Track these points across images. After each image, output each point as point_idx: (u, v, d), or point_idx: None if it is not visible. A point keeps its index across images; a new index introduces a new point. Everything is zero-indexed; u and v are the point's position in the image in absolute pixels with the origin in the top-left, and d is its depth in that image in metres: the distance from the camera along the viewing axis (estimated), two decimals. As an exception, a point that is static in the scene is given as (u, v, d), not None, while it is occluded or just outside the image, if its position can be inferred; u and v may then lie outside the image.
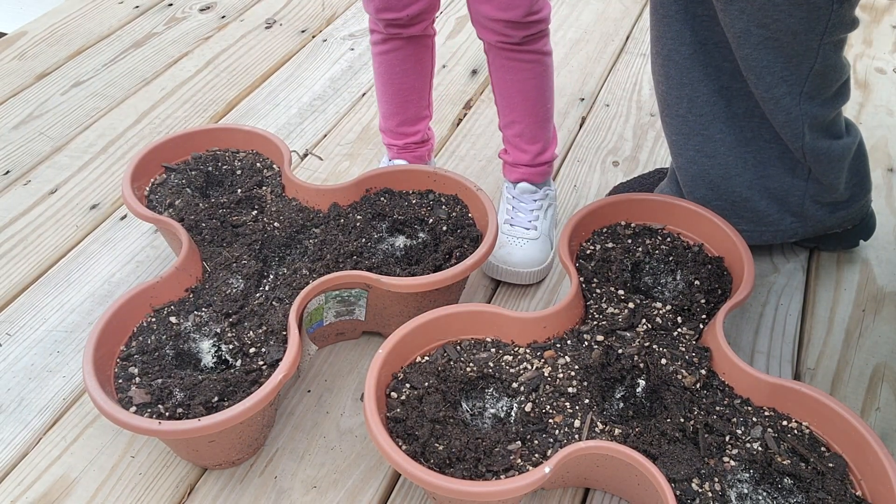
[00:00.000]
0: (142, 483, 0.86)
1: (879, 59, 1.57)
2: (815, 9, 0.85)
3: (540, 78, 1.02)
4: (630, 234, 0.98)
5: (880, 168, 1.28)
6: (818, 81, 0.92)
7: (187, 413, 0.77)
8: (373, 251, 0.97)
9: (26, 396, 0.95)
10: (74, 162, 1.31)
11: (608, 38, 1.65)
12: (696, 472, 0.74)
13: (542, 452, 0.76)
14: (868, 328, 1.03)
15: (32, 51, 1.60)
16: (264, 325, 0.87)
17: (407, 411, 0.78)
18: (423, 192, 1.04)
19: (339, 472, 0.87)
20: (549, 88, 1.05)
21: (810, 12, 0.85)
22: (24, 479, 0.86)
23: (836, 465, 0.75)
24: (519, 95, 1.03)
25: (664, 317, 0.88)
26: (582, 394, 0.80)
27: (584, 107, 1.45)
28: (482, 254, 0.91)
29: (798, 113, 0.93)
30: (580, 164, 1.31)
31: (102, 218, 1.20)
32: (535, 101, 1.04)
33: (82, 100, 1.46)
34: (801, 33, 0.87)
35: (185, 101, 1.46)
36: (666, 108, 1.02)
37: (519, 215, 1.09)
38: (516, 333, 0.86)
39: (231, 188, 1.05)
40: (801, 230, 1.06)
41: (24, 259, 1.13)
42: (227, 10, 1.75)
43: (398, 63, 1.06)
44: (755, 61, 0.90)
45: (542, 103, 1.05)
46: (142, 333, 0.86)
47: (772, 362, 0.98)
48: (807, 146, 0.96)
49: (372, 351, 0.97)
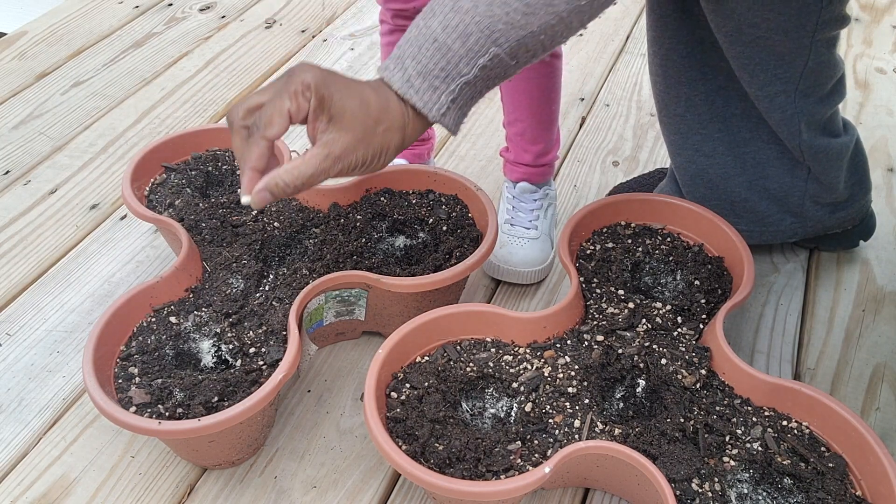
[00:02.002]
0: (142, 483, 0.86)
1: (879, 59, 1.57)
2: (804, 6, 0.86)
3: (546, 79, 1.03)
4: (630, 234, 0.98)
5: (880, 168, 1.28)
6: (812, 79, 0.92)
7: (187, 413, 0.77)
8: (373, 251, 0.97)
9: (26, 396, 0.95)
10: (74, 162, 1.31)
11: (608, 38, 1.65)
12: (696, 472, 0.74)
13: (542, 452, 0.76)
14: (868, 328, 1.03)
15: (32, 51, 1.60)
16: (264, 325, 0.87)
17: (407, 411, 0.78)
18: (423, 192, 1.04)
19: (339, 472, 0.87)
20: (555, 90, 1.05)
21: (800, 10, 0.86)
22: (23, 479, 0.86)
23: (836, 465, 0.75)
24: (524, 95, 1.03)
25: (664, 317, 0.88)
26: (582, 394, 0.80)
27: (584, 107, 1.45)
28: (482, 254, 0.91)
29: (793, 111, 0.93)
30: (580, 164, 1.31)
31: (102, 218, 1.20)
32: (539, 101, 1.04)
33: (82, 100, 1.46)
34: (791, 31, 0.87)
35: (185, 101, 1.46)
36: (664, 108, 1.02)
37: (519, 215, 1.09)
38: (516, 333, 0.86)
39: (231, 188, 1.05)
40: (801, 230, 1.06)
41: (23, 259, 1.13)
42: (227, 10, 1.75)
43: None
44: (747, 60, 0.90)
45: (548, 105, 1.05)
46: (142, 333, 0.86)
47: (772, 362, 0.98)
48: (804, 144, 0.96)
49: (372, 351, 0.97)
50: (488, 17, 0.66)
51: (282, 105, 0.66)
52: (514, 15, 0.66)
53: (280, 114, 0.66)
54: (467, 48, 0.67)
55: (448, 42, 0.67)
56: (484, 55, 0.68)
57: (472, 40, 0.67)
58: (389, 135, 0.70)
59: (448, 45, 0.67)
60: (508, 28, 0.66)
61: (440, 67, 0.68)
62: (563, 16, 0.67)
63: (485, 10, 0.66)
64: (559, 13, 0.66)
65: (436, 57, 0.68)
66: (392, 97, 0.69)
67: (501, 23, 0.66)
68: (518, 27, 0.66)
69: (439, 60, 0.68)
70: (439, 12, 0.67)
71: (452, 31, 0.67)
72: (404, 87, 0.69)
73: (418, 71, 0.68)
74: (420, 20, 0.69)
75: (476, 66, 0.68)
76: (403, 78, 0.69)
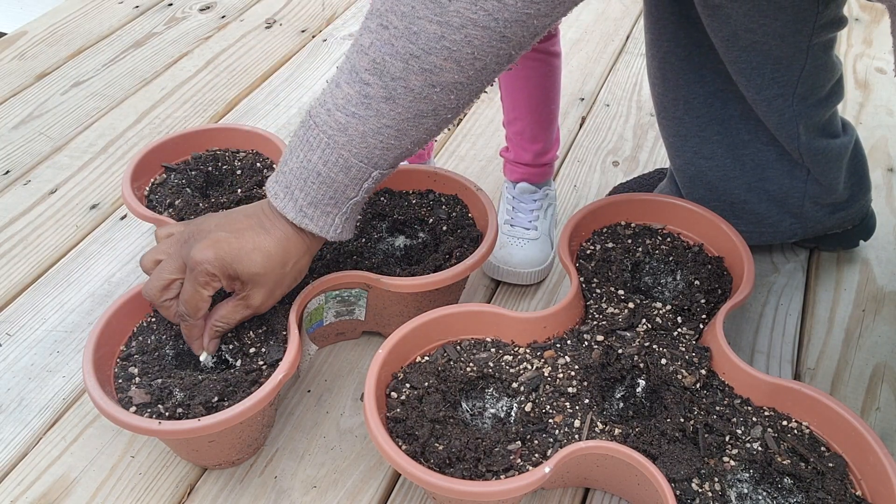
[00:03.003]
0: (142, 483, 0.86)
1: (879, 59, 1.57)
2: (800, 11, 0.85)
3: (545, 78, 1.03)
4: (630, 234, 0.98)
5: (880, 168, 1.28)
6: (810, 82, 0.92)
7: (187, 413, 0.77)
8: (373, 251, 0.97)
9: (26, 396, 0.95)
10: (74, 162, 1.31)
11: (608, 38, 1.65)
12: (696, 471, 0.74)
13: (542, 452, 0.76)
14: (868, 328, 1.03)
15: (32, 51, 1.60)
16: (264, 325, 0.87)
17: (407, 411, 0.78)
18: (423, 192, 1.04)
19: (339, 472, 0.87)
20: (554, 89, 1.05)
21: (796, 15, 0.85)
22: (23, 479, 0.86)
23: (836, 465, 0.75)
24: (523, 94, 1.03)
25: (664, 317, 0.88)
26: (582, 394, 0.80)
27: (584, 107, 1.45)
28: (482, 254, 0.91)
29: (791, 114, 0.93)
30: (580, 164, 1.31)
31: (102, 218, 1.20)
32: (539, 101, 1.04)
33: (82, 100, 1.46)
34: (788, 36, 0.87)
35: (185, 101, 1.46)
36: (662, 111, 1.02)
37: (519, 215, 1.09)
38: (516, 333, 0.86)
39: (231, 188, 1.05)
40: (801, 231, 1.06)
41: (23, 259, 1.13)
42: (227, 10, 1.75)
43: None
44: (744, 64, 0.90)
45: (547, 104, 1.05)
46: (142, 333, 0.86)
47: (772, 362, 0.98)
48: (803, 146, 0.96)
49: (372, 351, 0.97)
50: (364, 147, 0.71)
51: (201, 295, 0.76)
52: (389, 140, 0.70)
53: (203, 301, 0.77)
54: (350, 178, 0.73)
55: (332, 175, 0.72)
56: (367, 179, 0.73)
57: (355, 171, 0.72)
58: (300, 264, 0.79)
59: (332, 178, 0.72)
60: (384, 152, 0.71)
61: (329, 196, 0.74)
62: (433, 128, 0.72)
63: (360, 142, 0.70)
64: (429, 128, 0.71)
65: (322, 188, 0.73)
66: (287, 230, 0.76)
67: (378, 150, 0.71)
68: (393, 148, 0.71)
69: (326, 191, 0.73)
70: (316, 147, 0.71)
71: (333, 165, 0.72)
72: (299, 217, 0.74)
73: (308, 202, 0.74)
74: (298, 150, 0.73)
75: (362, 189, 0.74)
76: (296, 208, 0.74)
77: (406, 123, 0.70)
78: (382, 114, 0.69)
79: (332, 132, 0.70)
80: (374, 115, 0.69)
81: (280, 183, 0.74)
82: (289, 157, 0.74)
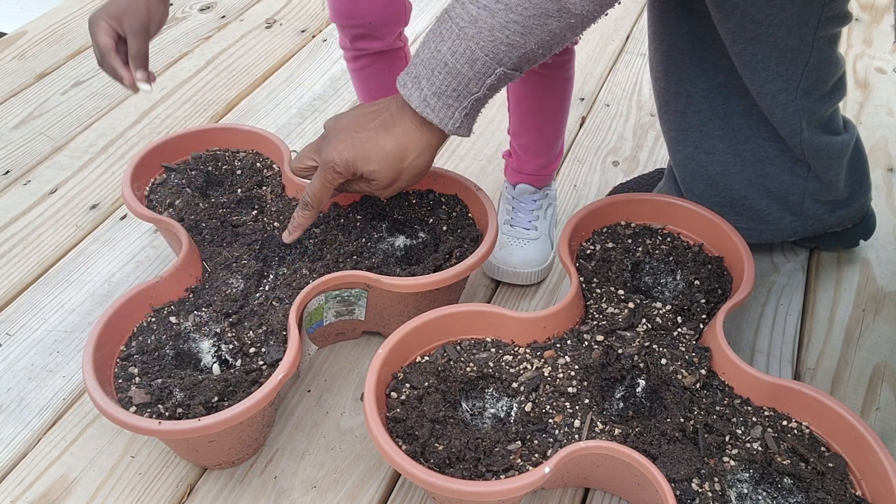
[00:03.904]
0: (142, 483, 0.86)
1: (879, 59, 1.57)
2: (807, 3, 0.86)
3: (558, 97, 1.03)
4: (630, 234, 0.98)
5: (880, 168, 1.28)
6: (814, 76, 0.92)
7: (187, 413, 0.77)
8: (373, 251, 0.97)
9: (26, 396, 0.95)
10: (74, 162, 1.31)
11: (608, 38, 1.65)
12: (695, 471, 0.74)
13: (542, 452, 0.76)
14: (868, 328, 1.03)
15: (32, 51, 1.60)
16: (264, 325, 0.87)
17: (407, 411, 0.78)
18: (423, 192, 1.04)
19: (339, 472, 0.87)
20: (563, 109, 1.06)
21: (803, 6, 0.86)
22: (24, 479, 0.86)
23: (836, 465, 0.75)
24: (533, 112, 1.04)
25: (664, 317, 0.88)
26: (582, 394, 0.80)
27: (584, 107, 1.45)
28: (482, 254, 0.91)
29: (795, 108, 0.93)
30: (580, 164, 1.31)
31: (102, 218, 1.20)
32: (548, 120, 1.05)
33: (82, 100, 1.46)
34: (794, 28, 0.87)
35: (185, 101, 1.46)
36: (664, 105, 1.02)
37: (519, 215, 1.09)
38: (516, 333, 0.86)
39: (231, 188, 1.05)
40: (801, 229, 1.06)
41: (23, 259, 1.13)
42: (227, 10, 1.75)
43: (374, 77, 1.07)
44: (749, 57, 0.90)
45: (556, 124, 1.06)
46: (142, 333, 0.86)
47: (772, 362, 0.98)
48: (805, 142, 0.96)
49: (372, 351, 0.97)
50: (491, 41, 0.73)
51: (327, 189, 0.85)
52: (514, 37, 0.73)
53: (327, 194, 0.86)
54: (475, 71, 0.75)
55: (458, 66, 0.75)
56: (491, 75, 0.75)
57: (479, 64, 0.74)
58: (419, 159, 0.82)
59: (458, 69, 0.75)
60: (510, 49, 0.74)
61: (452, 88, 0.76)
62: (557, 32, 0.73)
63: (487, 35, 0.73)
64: (552, 30, 0.73)
65: (447, 79, 0.76)
66: (407, 126, 0.80)
67: (503, 45, 0.73)
68: (518, 46, 0.73)
69: (451, 82, 0.76)
70: (447, 38, 0.75)
71: (461, 56, 0.74)
72: (422, 106, 0.77)
73: (433, 91, 0.76)
74: (430, 42, 0.76)
75: (485, 86, 0.76)
76: (421, 97, 0.77)
77: (531, 21, 0.72)
78: (511, 7, 0.71)
79: (464, 24, 0.73)
80: (503, 9, 0.71)
81: (409, 73, 0.78)
82: (421, 49, 0.77)
